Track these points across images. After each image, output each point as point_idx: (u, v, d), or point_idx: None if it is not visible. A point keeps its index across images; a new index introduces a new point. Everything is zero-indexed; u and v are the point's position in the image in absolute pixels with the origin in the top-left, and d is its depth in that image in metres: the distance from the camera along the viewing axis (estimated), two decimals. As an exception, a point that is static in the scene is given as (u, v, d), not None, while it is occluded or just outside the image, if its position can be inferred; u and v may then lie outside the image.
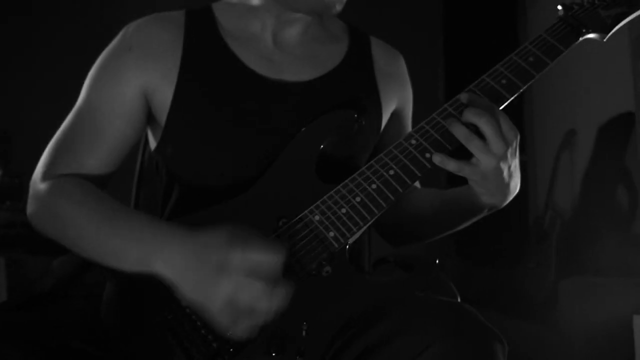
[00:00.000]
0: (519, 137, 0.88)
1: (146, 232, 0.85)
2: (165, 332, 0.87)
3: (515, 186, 0.93)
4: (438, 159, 0.88)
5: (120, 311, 0.91)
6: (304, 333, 0.85)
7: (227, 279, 0.75)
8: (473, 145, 0.85)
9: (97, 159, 0.98)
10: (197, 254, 0.79)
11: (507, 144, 0.86)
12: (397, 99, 1.12)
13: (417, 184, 1.16)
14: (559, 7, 0.97)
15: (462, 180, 0.93)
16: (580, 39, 0.95)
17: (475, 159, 0.86)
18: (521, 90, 0.91)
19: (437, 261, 0.88)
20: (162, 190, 1.07)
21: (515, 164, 0.90)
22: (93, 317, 0.92)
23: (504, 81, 0.91)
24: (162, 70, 0.99)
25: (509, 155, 0.87)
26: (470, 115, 0.86)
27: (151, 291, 0.87)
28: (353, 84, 1.06)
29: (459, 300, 1.00)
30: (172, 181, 1.03)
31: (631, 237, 2.35)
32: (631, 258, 2.25)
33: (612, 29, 0.97)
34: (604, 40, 0.97)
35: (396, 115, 1.12)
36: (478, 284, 2.76)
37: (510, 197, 0.94)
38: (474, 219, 1.01)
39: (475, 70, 0.97)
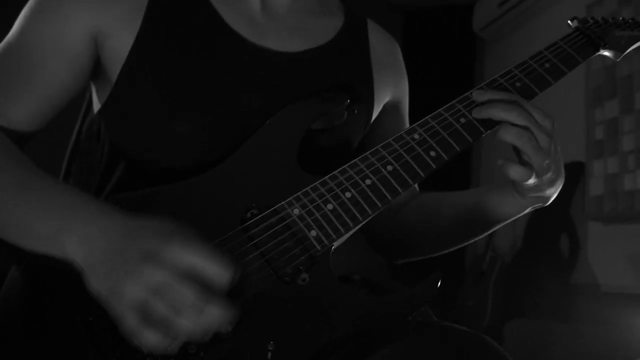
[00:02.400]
0: (555, 124, 0.79)
1: (62, 201, 0.67)
2: (81, 339, 0.67)
3: (560, 181, 0.83)
4: (500, 162, 0.78)
5: (23, 305, 0.71)
6: (269, 355, 0.68)
7: (150, 272, 0.57)
8: (528, 144, 0.76)
9: (22, 109, 0.79)
10: (124, 236, 0.61)
11: (549, 135, 0.77)
12: (393, 91, 1.00)
13: (415, 186, 1.03)
14: (570, 22, 0.94)
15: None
16: (597, 53, 0.91)
17: (527, 160, 0.77)
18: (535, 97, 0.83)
19: (440, 278, 0.74)
20: (102, 166, 0.89)
21: (558, 149, 0.81)
22: None
23: (518, 84, 0.83)
24: (123, 12, 0.81)
25: (553, 146, 0.79)
26: (498, 111, 0.76)
27: (71, 282, 0.67)
28: (345, 65, 0.93)
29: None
30: (115, 154, 0.85)
31: (569, 286, 2.34)
32: (569, 306, 2.24)
33: (625, 50, 0.94)
34: (617, 60, 0.94)
35: (392, 109, 1.00)
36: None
37: (559, 186, 0.84)
38: (499, 225, 0.89)
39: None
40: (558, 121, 0.80)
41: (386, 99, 0.99)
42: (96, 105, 0.89)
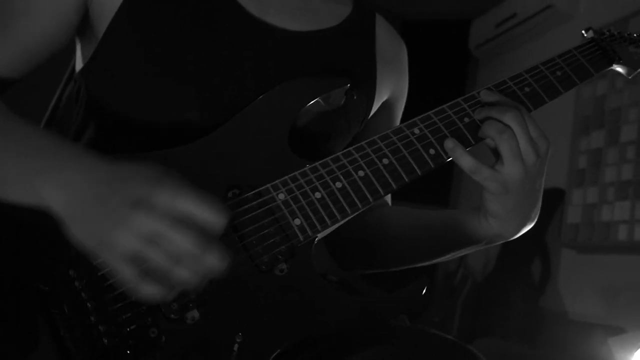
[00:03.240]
0: (550, 149, 0.75)
1: (39, 144, 0.62)
2: (34, 311, 0.62)
3: (537, 209, 0.78)
4: (450, 145, 0.72)
5: None
6: (235, 347, 0.64)
7: (142, 220, 0.53)
8: (504, 140, 0.71)
9: (1, 59, 0.74)
10: (109, 180, 0.57)
11: (537, 153, 0.73)
12: (392, 89, 0.96)
13: (388, 198, 1.00)
14: (584, 32, 0.90)
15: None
16: (610, 68, 0.88)
17: (499, 165, 0.72)
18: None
19: (426, 287, 0.71)
20: (73, 128, 0.84)
21: (540, 183, 0.76)
22: None
23: (527, 89, 0.80)
24: None
25: (536, 169, 0.73)
26: (495, 112, 0.73)
27: (26, 242, 0.63)
28: (348, 53, 0.89)
29: None
30: (88, 116, 0.81)
31: (538, 311, 2.34)
32: (536, 330, 2.24)
33: (639, 68, 0.91)
34: (629, 77, 0.91)
35: (387, 108, 0.97)
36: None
37: (525, 228, 0.78)
38: (464, 252, 0.84)
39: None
40: None
41: (385, 97, 0.96)
42: (79, 65, 0.84)
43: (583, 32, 0.92)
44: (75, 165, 0.60)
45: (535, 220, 0.79)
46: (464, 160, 0.72)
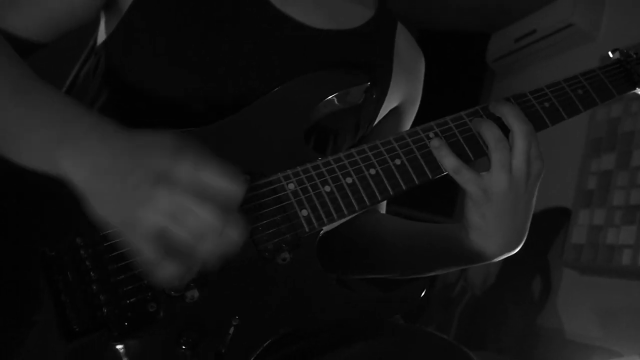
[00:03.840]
0: (543, 173, 0.75)
1: (61, 110, 0.60)
2: (38, 275, 0.62)
3: (521, 233, 0.76)
4: (436, 143, 0.72)
5: None
6: (231, 330, 0.64)
7: (165, 197, 0.52)
8: (499, 152, 0.71)
9: (24, 17, 0.75)
10: (131, 154, 0.55)
11: (529, 171, 0.72)
12: (403, 98, 0.97)
13: (383, 208, 1.00)
14: (611, 53, 0.90)
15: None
16: (634, 91, 0.88)
17: (486, 172, 0.72)
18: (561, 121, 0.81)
19: (425, 289, 0.71)
20: (86, 99, 0.85)
21: (527, 201, 0.74)
22: None
23: (546, 104, 0.80)
24: None
25: (524, 185, 0.72)
26: (510, 115, 0.73)
27: (37, 207, 0.63)
28: (365, 56, 0.90)
29: None
30: (105, 88, 0.81)
31: (535, 328, 2.33)
32: (532, 347, 2.23)
33: None
34: None
35: (396, 114, 0.97)
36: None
37: (512, 249, 0.77)
38: (453, 268, 0.83)
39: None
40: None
41: (395, 103, 0.96)
42: (101, 38, 0.86)
43: (610, 53, 0.92)
44: (96, 134, 0.58)
45: (519, 246, 0.77)
46: (448, 159, 0.72)
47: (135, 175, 0.54)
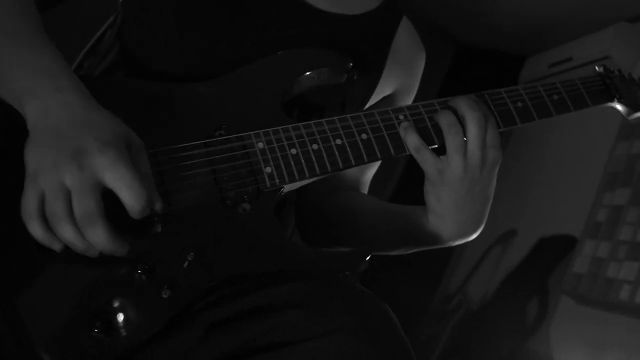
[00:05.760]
0: (499, 162, 0.78)
1: (43, 65, 0.69)
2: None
3: (477, 220, 0.80)
4: (406, 124, 0.77)
5: None
6: (185, 264, 0.70)
7: (69, 172, 0.60)
8: (452, 136, 0.75)
9: None
10: (74, 122, 0.64)
11: (484, 159, 0.76)
12: (397, 88, 1.01)
13: (365, 188, 1.04)
14: (597, 67, 0.93)
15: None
16: (611, 104, 0.91)
17: (444, 156, 0.77)
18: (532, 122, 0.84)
19: (369, 255, 0.75)
20: (103, 49, 0.92)
21: (483, 188, 0.78)
22: None
23: (520, 104, 0.83)
24: None
25: (479, 173, 0.76)
26: (462, 103, 0.77)
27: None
28: (363, 42, 0.95)
29: None
30: (117, 41, 0.89)
31: (522, 351, 2.33)
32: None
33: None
34: (629, 118, 0.94)
35: (388, 102, 1.02)
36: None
37: (468, 235, 0.81)
38: (415, 248, 0.88)
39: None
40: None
41: (388, 91, 1.01)
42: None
43: (596, 67, 0.95)
44: (60, 97, 0.66)
45: (475, 233, 0.81)
46: (411, 137, 0.76)
47: (64, 142, 0.62)
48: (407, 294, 2.82)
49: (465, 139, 0.76)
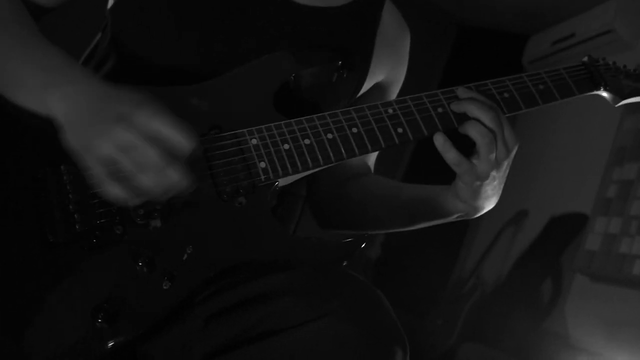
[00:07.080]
0: (517, 147, 0.82)
1: (52, 61, 0.73)
2: (25, 192, 0.73)
3: (495, 200, 0.87)
4: (441, 139, 0.80)
5: None
6: (184, 257, 0.73)
7: (120, 132, 0.63)
8: (487, 146, 0.78)
9: None
10: (103, 98, 0.68)
11: (508, 151, 0.81)
12: (387, 73, 1.02)
13: (372, 167, 1.06)
14: (585, 58, 0.93)
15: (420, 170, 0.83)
16: (596, 92, 0.92)
17: (476, 159, 0.80)
18: (520, 112, 0.85)
19: (364, 243, 0.78)
20: (96, 59, 0.95)
21: (505, 175, 0.84)
22: None
23: (506, 95, 0.85)
24: None
25: (505, 165, 0.82)
26: (474, 109, 0.79)
27: (28, 137, 0.74)
28: (349, 32, 0.96)
29: None
30: (111, 51, 0.91)
31: (538, 330, 2.33)
32: (532, 348, 2.23)
33: (626, 99, 0.95)
34: (615, 105, 0.94)
35: (380, 89, 1.02)
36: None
37: (485, 210, 0.87)
38: (434, 223, 0.92)
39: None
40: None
41: (379, 78, 1.02)
42: (110, 3, 0.94)
43: (585, 58, 0.95)
44: (78, 83, 0.70)
45: (495, 203, 0.86)
46: (450, 153, 0.80)
47: (102, 114, 0.66)
48: (422, 279, 2.83)
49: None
